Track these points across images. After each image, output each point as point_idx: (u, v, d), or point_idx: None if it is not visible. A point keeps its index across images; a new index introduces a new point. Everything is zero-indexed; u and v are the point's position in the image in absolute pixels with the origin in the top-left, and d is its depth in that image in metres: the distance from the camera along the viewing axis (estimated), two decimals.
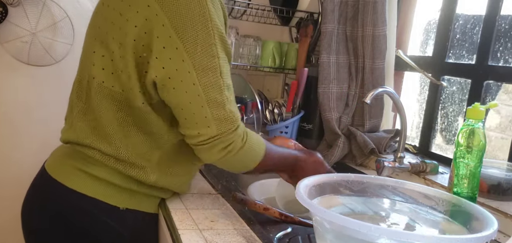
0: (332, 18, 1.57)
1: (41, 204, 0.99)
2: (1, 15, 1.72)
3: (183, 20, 0.82)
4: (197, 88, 0.85)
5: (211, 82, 0.85)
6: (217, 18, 0.85)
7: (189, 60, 0.84)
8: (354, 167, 1.54)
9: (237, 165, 0.95)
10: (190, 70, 0.84)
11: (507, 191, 1.08)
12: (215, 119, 0.87)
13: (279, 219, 0.98)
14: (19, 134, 1.88)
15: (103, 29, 0.90)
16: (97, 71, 0.91)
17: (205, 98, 0.85)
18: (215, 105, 0.86)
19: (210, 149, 0.89)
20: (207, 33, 0.84)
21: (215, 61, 0.85)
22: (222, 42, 0.86)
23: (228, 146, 0.89)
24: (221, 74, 0.86)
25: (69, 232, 0.96)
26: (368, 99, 1.22)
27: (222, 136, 0.87)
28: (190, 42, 0.83)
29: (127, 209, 0.97)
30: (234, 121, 0.88)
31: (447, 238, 0.60)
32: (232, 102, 0.89)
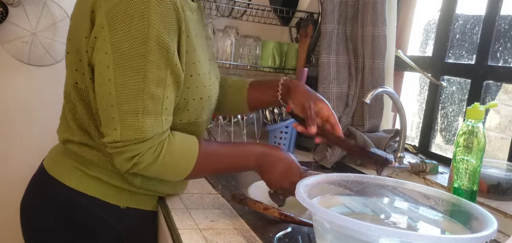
0: (332, 18, 1.57)
1: (40, 201, 0.99)
2: (2, 15, 1.72)
3: (119, 13, 0.77)
4: (111, 85, 0.79)
5: (128, 83, 0.79)
6: (159, 20, 0.78)
7: (111, 54, 0.78)
8: (354, 167, 1.54)
9: (159, 175, 0.90)
10: (109, 64, 0.79)
11: (507, 191, 1.08)
12: (122, 123, 0.80)
13: (279, 219, 0.98)
14: (19, 134, 1.88)
15: (72, 29, 0.91)
16: (70, 72, 0.91)
17: (116, 98, 0.79)
18: (127, 108, 0.79)
19: (116, 155, 0.83)
20: (140, 31, 0.77)
21: (140, 62, 0.78)
22: (159, 47, 0.79)
23: (134, 158, 0.82)
24: (145, 79, 0.79)
25: (68, 229, 0.96)
26: (368, 99, 1.23)
27: (127, 144, 0.81)
28: (118, 35, 0.78)
29: (127, 207, 0.97)
30: (142, 133, 0.80)
31: (447, 238, 0.60)
32: (150, 113, 0.81)
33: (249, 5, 1.84)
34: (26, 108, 1.87)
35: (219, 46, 1.76)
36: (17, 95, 1.85)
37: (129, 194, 0.97)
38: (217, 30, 1.77)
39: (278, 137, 1.66)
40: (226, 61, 1.76)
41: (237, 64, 1.79)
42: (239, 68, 1.85)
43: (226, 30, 1.77)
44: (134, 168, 0.84)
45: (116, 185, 0.95)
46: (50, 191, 0.97)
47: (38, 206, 0.99)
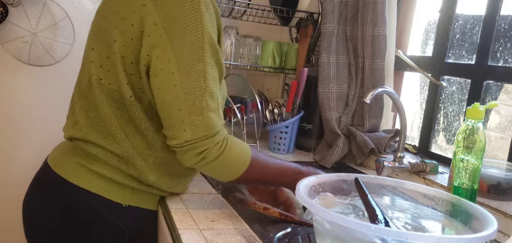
0: (332, 18, 1.57)
1: (43, 198, 1.00)
2: (2, 15, 1.72)
3: (174, 20, 0.83)
4: (178, 90, 0.85)
5: (192, 86, 0.85)
6: (209, 23, 0.85)
7: (175, 61, 0.84)
8: (354, 167, 1.54)
9: (216, 173, 0.95)
10: (174, 71, 0.84)
11: (507, 191, 1.08)
12: (191, 124, 0.86)
13: (279, 219, 0.98)
14: (20, 134, 1.88)
15: (102, 27, 0.92)
16: (95, 69, 0.93)
17: (184, 101, 0.85)
18: (193, 109, 0.86)
19: (185, 153, 0.89)
20: (196, 36, 0.84)
21: (200, 65, 0.85)
22: (211, 48, 0.86)
23: (203, 153, 0.88)
24: (205, 79, 0.86)
25: (70, 225, 0.96)
26: (368, 99, 1.23)
27: (197, 142, 0.87)
28: (178, 43, 0.84)
29: (130, 205, 0.98)
30: (210, 128, 0.87)
31: (447, 238, 0.60)
32: (213, 110, 0.88)
33: (249, 5, 1.84)
34: (26, 108, 1.87)
35: None
36: (17, 95, 1.85)
37: (132, 191, 0.98)
38: None
39: (278, 137, 1.66)
40: (226, 61, 1.76)
41: (237, 64, 1.79)
42: (239, 68, 1.85)
43: (226, 30, 1.77)
44: (201, 163, 0.90)
45: (120, 182, 0.96)
46: (53, 187, 0.98)
47: (41, 203, 1.00)
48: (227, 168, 0.93)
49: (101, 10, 0.95)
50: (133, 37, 0.87)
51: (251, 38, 1.82)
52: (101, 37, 0.92)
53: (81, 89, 0.97)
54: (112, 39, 0.89)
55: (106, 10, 0.93)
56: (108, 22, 0.90)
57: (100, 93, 0.93)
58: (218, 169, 0.93)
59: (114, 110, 0.93)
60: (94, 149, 0.94)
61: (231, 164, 0.93)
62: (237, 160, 0.93)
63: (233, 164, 0.93)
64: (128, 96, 0.91)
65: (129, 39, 0.87)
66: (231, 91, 1.85)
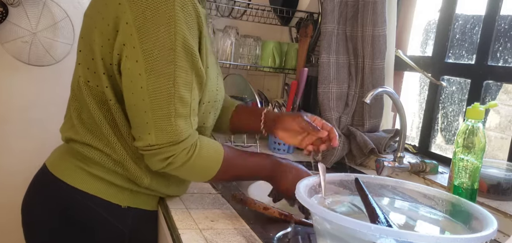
0: (332, 18, 1.57)
1: (43, 201, 0.99)
2: (2, 15, 1.72)
3: (146, 20, 0.80)
4: (143, 92, 0.82)
5: (160, 88, 0.82)
6: (185, 25, 0.82)
7: (143, 61, 0.81)
8: (354, 167, 1.54)
9: (186, 176, 0.94)
10: (141, 72, 0.81)
11: (507, 191, 1.08)
12: (156, 128, 0.83)
13: (279, 219, 0.98)
14: (19, 134, 1.88)
15: (86, 29, 0.91)
16: (82, 71, 0.92)
17: (149, 104, 0.82)
18: (159, 113, 0.83)
19: (150, 156, 0.87)
20: (168, 37, 0.80)
21: (170, 68, 0.81)
22: (185, 51, 0.82)
23: (169, 158, 0.86)
24: (175, 83, 0.82)
25: (69, 228, 0.96)
26: (368, 99, 1.23)
27: (161, 147, 0.84)
28: (148, 43, 0.80)
29: (129, 207, 0.98)
30: (176, 135, 0.84)
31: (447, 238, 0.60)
32: (182, 116, 0.85)
33: (249, 5, 1.84)
34: (26, 108, 1.87)
35: (219, 46, 1.76)
36: (17, 95, 1.85)
37: (130, 193, 0.97)
38: (217, 30, 1.77)
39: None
40: (226, 61, 1.76)
41: (237, 64, 1.79)
42: (239, 68, 1.85)
43: (226, 30, 1.77)
44: (167, 168, 0.88)
45: (118, 184, 0.95)
46: (52, 189, 0.97)
47: (40, 205, 0.99)
48: (198, 172, 0.92)
49: (87, 12, 0.94)
50: (110, 38, 0.85)
51: (251, 38, 1.82)
52: (86, 38, 0.91)
53: (73, 91, 0.96)
54: (93, 39, 0.88)
55: (91, 10, 0.92)
56: (92, 23, 0.89)
57: (88, 96, 0.92)
58: (188, 173, 0.92)
59: (104, 113, 0.92)
60: (90, 152, 0.94)
61: (201, 168, 0.90)
62: (208, 163, 0.91)
63: (203, 168, 0.91)
64: (109, 99, 0.90)
65: (106, 39, 0.86)
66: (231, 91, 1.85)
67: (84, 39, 0.92)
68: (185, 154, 0.87)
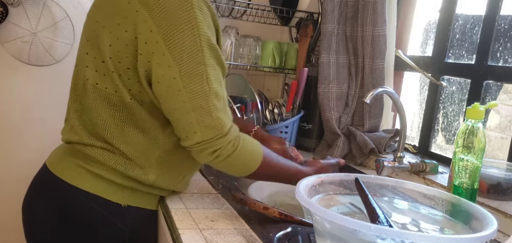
0: (332, 18, 1.57)
1: (43, 199, 1.00)
2: (2, 15, 1.72)
3: (170, 26, 0.83)
4: (183, 95, 0.86)
5: (196, 88, 0.86)
6: (205, 25, 0.86)
7: (175, 66, 0.84)
8: (354, 166, 1.54)
9: (231, 169, 0.97)
10: (175, 76, 0.85)
11: (507, 191, 1.08)
12: (201, 125, 0.88)
13: (279, 219, 0.98)
14: (20, 134, 1.88)
15: (95, 32, 0.92)
16: (91, 73, 0.92)
17: (190, 105, 0.86)
18: (201, 111, 0.87)
19: (199, 152, 0.91)
20: (194, 40, 0.84)
21: (201, 68, 0.86)
22: (210, 49, 0.87)
23: (216, 151, 0.90)
24: (208, 81, 0.87)
25: (69, 227, 0.96)
26: (368, 99, 1.23)
27: (209, 142, 0.89)
28: (176, 49, 0.84)
29: (128, 205, 0.98)
30: (221, 128, 0.89)
31: (447, 238, 0.60)
32: (220, 109, 0.89)
33: (249, 5, 1.84)
34: (26, 108, 1.87)
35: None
36: (17, 95, 1.85)
37: (130, 192, 0.98)
38: None
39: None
40: (226, 61, 1.76)
41: (237, 64, 1.79)
42: (239, 68, 1.85)
43: (226, 30, 1.77)
44: (215, 160, 0.92)
45: (118, 182, 0.96)
46: (52, 188, 0.98)
47: (40, 203, 1.00)
48: (241, 165, 0.95)
49: (92, 14, 0.95)
50: (127, 43, 0.87)
51: (251, 38, 1.82)
52: (93, 41, 0.92)
53: (76, 93, 0.97)
54: (106, 43, 0.88)
55: (97, 13, 0.92)
56: (101, 26, 0.90)
57: (95, 98, 0.93)
58: (232, 165, 0.95)
59: (112, 113, 0.93)
60: (91, 151, 0.94)
61: (244, 161, 0.95)
62: (250, 157, 0.96)
63: (246, 161, 0.95)
64: (128, 99, 0.91)
65: (123, 45, 0.87)
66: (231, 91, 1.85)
67: (90, 42, 0.92)
68: (231, 147, 0.91)
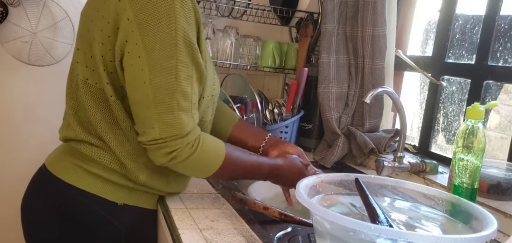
0: (332, 18, 1.57)
1: (41, 199, 1.00)
2: (2, 15, 1.72)
3: (147, 16, 0.81)
4: (146, 87, 0.83)
5: (162, 83, 0.83)
6: (184, 20, 0.83)
7: (145, 57, 0.82)
8: (354, 166, 1.54)
9: (189, 171, 0.95)
10: (143, 67, 0.83)
11: (507, 191, 1.08)
12: (160, 122, 0.84)
13: (279, 219, 0.98)
14: (20, 134, 1.88)
15: (84, 27, 0.92)
16: (81, 69, 0.93)
17: (152, 99, 0.83)
18: (163, 107, 0.84)
19: (154, 151, 0.87)
20: (169, 32, 0.82)
21: (171, 62, 0.83)
22: (186, 46, 0.84)
23: (173, 152, 0.86)
24: (177, 77, 0.84)
25: (67, 226, 0.97)
26: (368, 99, 1.23)
27: (166, 141, 0.85)
28: (149, 39, 0.82)
29: (125, 204, 0.98)
30: (180, 128, 0.85)
31: (447, 238, 0.60)
32: (184, 109, 0.86)
33: (249, 5, 1.84)
34: (26, 108, 1.87)
35: (219, 46, 1.76)
36: (17, 95, 1.85)
37: (127, 191, 0.98)
38: (217, 30, 1.77)
39: (278, 137, 1.66)
40: (226, 61, 1.76)
41: (237, 64, 1.79)
42: (239, 68, 1.85)
43: (226, 30, 1.77)
44: (171, 162, 0.88)
45: (115, 181, 0.96)
46: (50, 188, 0.98)
47: (38, 203, 1.00)
48: (199, 167, 0.92)
49: (84, 10, 0.95)
50: (110, 35, 0.86)
51: (251, 38, 1.82)
52: (84, 37, 0.92)
53: (71, 89, 0.97)
54: (92, 37, 0.89)
55: (88, 9, 0.93)
56: (90, 21, 0.90)
57: (86, 94, 0.92)
58: (190, 168, 0.92)
59: (102, 110, 0.93)
60: (87, 149, 0.94)
61: (203, 163, 0.91)
62: (210, 158, 0.92)
63: (205, 163, 0.92)
64: (109, 96, 0.91)
65: (106, 36, 0.87)
66: (231, 91, 1.85)
67: (82, 38, 0.93)
68: (189, 149, 0.87)
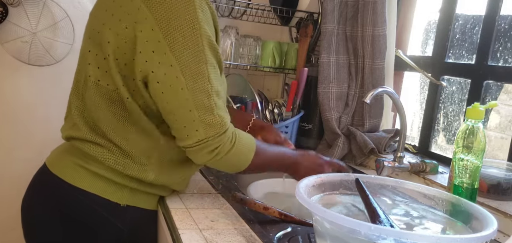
0: (332, 18, 1.57)
1: (42, 199, 1.00)
2: (2, 15, 1.72)
3: (171, 25, 0.84)
4: (185, 93, 0.86)
5: (199, 87, 0.87)
6: (206, 24, 0.87)
7: (177, 65, 0.85)
8: (354, 166, 1.54)
9: (228, 166, 0.97)
10: (178, 75, 0.85)
11: (507, 191, 1.08)
12: (203, 123, 0.88)
13: (279, 219, 0.98)
14: (20, 134, 1.88)
15: (96, 29, 0.92)
16: (93, 70, 0.93)
17: (193, 103, 0.87)
18: (203, 109, 0.88)
19: (198, 151, 0.91)
20: (195, 39, 0.85)
21: (203, 67, 0.87)
22: (211, 49, 0.88)
23: (216, 149, 0.90)
24: (209, 79, 0.88)
25: (68, 226, 0.97)
26: (368, 99, 1.23)
27: (210, 140, 0.89)
28: (178, 48, 0.84)
29: (128, 205, 0.98)
30: (222, 125, 0.90)
31: (447, 238, 0.60)
32: (220, 107, 0.90)
33: (249, 5, 1.84)
34: (26, 108, 1.87)
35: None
36: (17, 95, 1.85)
37: (130, 191, 0.98)
38: None
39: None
40: (226, 61, 1.76)
41: (237, 64, 1.79)
42: (239, 68, 1.85)
43: (226, 30, 1.77)
44: (214, 158, 0.92)
45: (118, 182, 0.96)
46: (51, 188, 0.98)
47: (39, 203, 1.00)
48: (238, 159, 0.96)
49: (94, 12, 0.95)
50: (127, 40, 0.87)
51: (251, 38, 1.82)
52: (95, 38, 0.92)
53: (78, 90, 0.97)
54: (105, 40, 0.89)
55: (99, 11, 0.93)
56: (101, 23, 0.90)
57: (97, 95, 0.93)
58: (230, 162, 0.95)
59: (114, 110, 0.93)
60: (91, 149, 0.94)
61: (241, 154, 0.96)
62: (245, 151, 0.96)
63: (242, 155, 0.96)
64: (125, 97, 0.92)
65: (122, 41, 0.87)
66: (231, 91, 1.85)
67: (92, 40, 0.93)
68: (229, 143, 0.92)
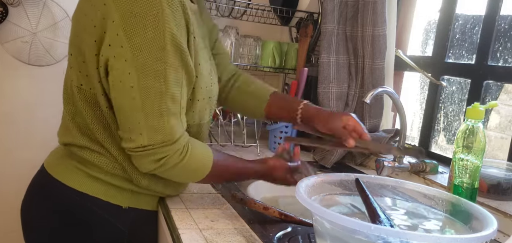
0: (332, 18, 1.57)
1: (41, 202, 0.99)
2: (2, 15, 1.72)
3: (133, 18, 0.78)
4: (134, 91, 0.80)
5: (150, 86, 0.80)
6: (173, 22, 0.80)
7: (132, 60, 0.79)
8: (354, 166, 1.54)
9: (176, 177, 0.93)
10: (130, 71, 0.79)
11: (507, 191, 1.08)
12: (149, 127, 0.81)
13: (279, 219, 0.98)
14: (20, 134, 1.88)
15: (74, 31, 0.90)
16: (75, 74, 0.90)
17: (140, 103, 0.80)
18: (151, 112, 0.81)
19: (141, 158, 0.85)
20: (157, 35, 0.78)
21: (160, 66, 0.79)
22: (174, 49, 0.81)
23: (162, 159, 0.84)
24: (166, 81, 0.80)
25: (68, 228, 0.96)
26: (367, 99, 1.23)
27: (154, 147, 0.82)
28: (136, 42, 0.78)
29: (130, 207, 0.98)
30: (170, 134, 0.82)
31: (447, 238, 0.60)
32: (173, 114, 0.83)
33: (249, 5, 1.84)
34: (26, 108, 1.87)
35: None
36: (17, 95, 1.85)
37: (131, 194, 0.97)
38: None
39: (278, 137, 1.66)
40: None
41: (237, 64, 1.79)
42: (239, 68, 1.85)
43: (226, 30, 1.77)
44: (159, 169, 0.86)
45: (118, 185, 0.95)
46: (50, 191, 0.97)
47: (38, 207, 0.99)
48: (187, 174, 0.91)
49: (75, 14, 0.92)
50: (96, 39, 0.83)
51: (251, 38, 1.82)
52: (74, 41, 0.89)
53: (67, 95, 0.94)
54: (83, 42, 0.85)
55: (78, 13, 0.90)
56: (79, 25, 0.87)
57: (81, 99, 0.90)
58: (178, 175, 0.90)
59: (98, 115, 0.90)
60: (88, 154, 0.93)
61: (191, 170, 0.90)
62: (197, 167, 0.90)
63: (193, 170, 0.90)
64: (103, 104, 0.88)
65: (92, 41, 0.83)
66: None
67: (73, 42, 0.90)
68: (178, 156, 0.85)
